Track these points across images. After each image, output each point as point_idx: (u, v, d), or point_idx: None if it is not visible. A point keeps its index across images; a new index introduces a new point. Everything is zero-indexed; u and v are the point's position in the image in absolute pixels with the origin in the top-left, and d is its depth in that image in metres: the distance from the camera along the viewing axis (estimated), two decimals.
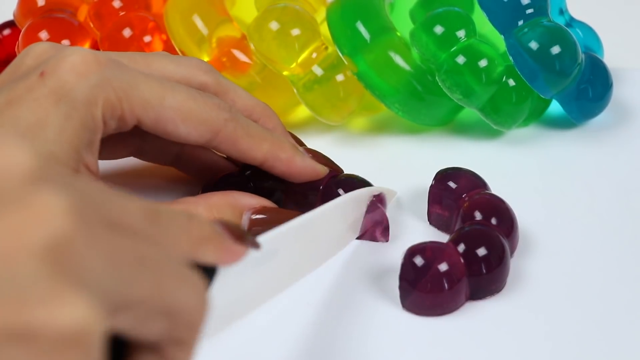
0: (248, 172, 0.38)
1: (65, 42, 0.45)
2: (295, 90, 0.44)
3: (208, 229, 0.25)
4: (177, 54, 0.44)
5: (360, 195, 0.37)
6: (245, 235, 0.27)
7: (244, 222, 0.35)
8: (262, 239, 0.29)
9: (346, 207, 0.36)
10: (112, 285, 0.20)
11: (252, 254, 0.27)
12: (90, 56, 0.33)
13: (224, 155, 0.40)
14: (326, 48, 0.44)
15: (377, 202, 0.37)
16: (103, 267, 0.20)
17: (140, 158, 0.40)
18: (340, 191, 0.38)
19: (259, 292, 0.31)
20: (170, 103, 0.34)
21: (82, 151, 0.33)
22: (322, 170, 0.38)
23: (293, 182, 0.38)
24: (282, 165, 0.37)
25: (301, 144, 0.40)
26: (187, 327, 0.23)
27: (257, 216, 0.36)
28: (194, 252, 0.24)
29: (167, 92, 0.34)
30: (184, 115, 0.35)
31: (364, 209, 0.37)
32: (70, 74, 0.33)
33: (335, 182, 0.38)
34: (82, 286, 0.19)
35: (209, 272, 0.26)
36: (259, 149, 0.37)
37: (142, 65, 0.36)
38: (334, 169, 0.39)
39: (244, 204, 0.36)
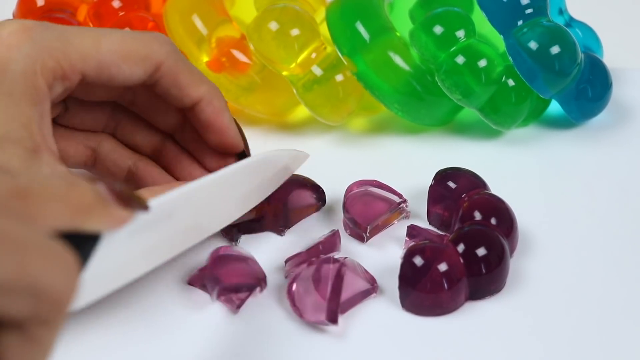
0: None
1: None
2: (294, 91, 0.44)
3: (90, 195, 0.25)
4: None
5: (267, 159, 0.36)
6: (132, 198, 0.27)
7: None
8: (155, 201, 0.29)
9: (251, 169, 0.35)
10: None
11: (143, 216, 0.27)
12: (17, 25, 0.33)
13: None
14: (325, 48, 0.44)
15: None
16: None
17: (92, 171, 0.39)
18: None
19: (155, 252, 0.31)
20: (107, 47, 0.34)
21: (33, 126, 0.32)
22: (239, 143, 0.38)
23: (209, 140, 0.37)
24: (212, 112, 0.36)
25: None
26: (53, 306, 0.22)
27: None
28: (74, 221, 0.24)
29: (101, 38, 0.34)
30: (123, 55, 0.34)
31: (272, 171, 0.36)
32: (2, 48, 0.32)
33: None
34: None
35: (93, 239, 0.26)
36: (198, 87, 0.36)
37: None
38: (246, 150, 0.38)
39: None
